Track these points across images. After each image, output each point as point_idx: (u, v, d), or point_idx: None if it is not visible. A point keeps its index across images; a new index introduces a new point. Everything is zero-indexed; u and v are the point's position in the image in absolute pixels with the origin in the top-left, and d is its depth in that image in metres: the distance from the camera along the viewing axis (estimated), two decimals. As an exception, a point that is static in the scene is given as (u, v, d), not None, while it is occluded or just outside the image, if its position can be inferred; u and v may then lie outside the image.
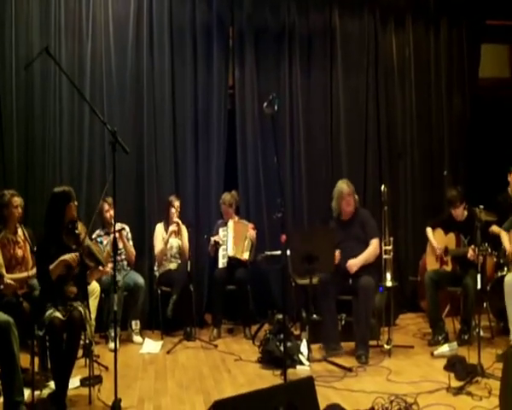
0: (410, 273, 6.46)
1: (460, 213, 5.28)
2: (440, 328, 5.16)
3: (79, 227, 3.92)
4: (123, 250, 5.51)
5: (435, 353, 4.76)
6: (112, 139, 3.57)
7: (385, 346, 4.87)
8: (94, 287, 4.86)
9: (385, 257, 4.96)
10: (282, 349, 4.16)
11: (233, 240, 5.73)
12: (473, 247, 4.86)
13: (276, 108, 4.09)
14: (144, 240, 5.97)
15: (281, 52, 6.44)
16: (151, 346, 5.23)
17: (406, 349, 5.02)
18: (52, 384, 3.81)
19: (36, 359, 3.94)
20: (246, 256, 5.72)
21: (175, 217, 5.68)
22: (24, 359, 3.83)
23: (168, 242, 5.71)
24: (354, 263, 4.88)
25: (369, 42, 6.65)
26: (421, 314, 6.27)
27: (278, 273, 5.82)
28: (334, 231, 4.99)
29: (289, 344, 4.47)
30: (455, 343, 4.81)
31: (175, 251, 5.81)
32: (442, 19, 6.86)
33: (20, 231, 4.60)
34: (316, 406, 2.82)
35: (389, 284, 4.91)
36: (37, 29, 5.83)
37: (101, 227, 5.52)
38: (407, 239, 6.68)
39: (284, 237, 4.06)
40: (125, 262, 5.58)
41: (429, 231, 5.50)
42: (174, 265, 5.79)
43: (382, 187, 5.21)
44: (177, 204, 5.72)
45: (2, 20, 5.75)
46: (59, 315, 3.66)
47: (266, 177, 6.29)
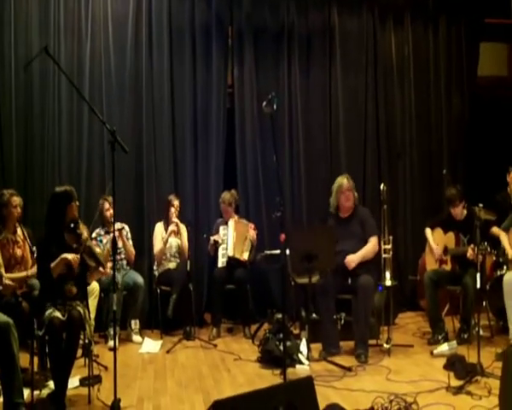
0: (410, 272, 6.46)
1: (459, 212, 5.28)
2: (440, 327, 5.15)
3: (81, 227, 3.92)
4: (122, 249, 5.52)
5: (435, 352, 4.76)
6: (111, 139, 3.56)
7: (384, 345, 4.87)
8: (93, 286, 4.85)
9: (384, 256, 4.96)
10: (282, 349, 4.16)
11: (233, 240, 5.73)
12: (472, 246, 4.85)
13: (275, 108, 4.09)
14: (143, 239, 5.97)
15: (280, 51, 6.44)
16: (150, 345, 5.22)
17: (406, 348, 5.01)
18: (51, 384, 3.80)
19: (35, 358, 3.95)
20: (245, 256, 5.72)
21: (174, 216, 5.68)
22: (23, 358, 3.83)
23: (168, 241, 5.72)
24: (352, 259, 4.86)
25: (368, 40, 6.65)
26: (420, 313, 6.27)
27: (278, 273, 5.81)
28: (333, 230, 4.96)
29: (289, 344, 4.46)
30: (454, 342, 4.81)
31: (174, 250, 5.81)
32: (441, 17, 6.87)
33: (20, 231, 4.59)
34: (315, 405, 2.82)
35: (388, 283, 4.92)
36: (36, 29, 5.83)
37: (101, 226, 5.52)
38: (406, 238, 6.68)
39: (283, 237, 4.06)
40: (125, 262, 5.59)
41: (428, 232, 5.49)
42: (173, 264, 5.80)
43: (382, 186, 5.20)
44: (177, 203, 5.72)
45: (1, 20, 5.76)
46: (58, 315, 3.66)
47: (265, 176, 6.29)
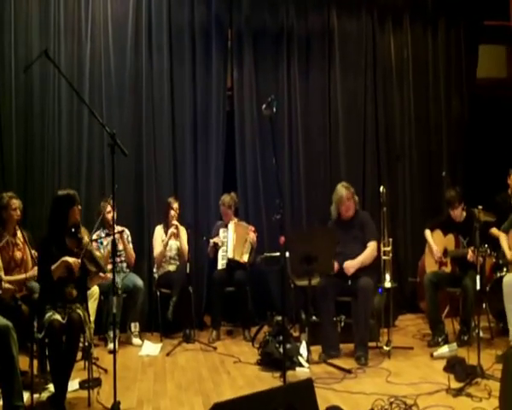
0: (410, 274, 6.46)
1: (459, 213, 5.28)
2: (440, 329, 5.15)
3: (82, 231, 3.92)
4: (123, 252, 5.51)
5: (435, 354, 4.75)
6: (111, 142, 3.55)
7: (384, 347, 4.86)
8: (93, 289, 4.84)
9: (384, 258, 4.97)
10: (282, 351, 4.15)
11: (233, 242, 5.73)
12: (472, 248, 4.85)
13: (275, 110, 4.08)
14: (143, 241, 5.96)
15: (279, 53, 6.45)
16: (150, 348, 5.21)
17: (406, 351, 5.01)
18: (51, 387, 3.79)
19: (35, 361, 3.96)
20: (245, 259, 5.72)
21: (174, 219, 5.68)
22: (23, 361, 3.82)
23: (168, 244, 5.71)
24: (351, 265, 4.87)
25: (367, 43, 6.66)
26: (420, 315, 6.27)
27: (277, 275, 5.81)
28: (333, 231, 4.97)
29: (288, 346, 4.45)
30: (454, 344, 4.81)
31: (174, 253, 5.80)
32: (440, 19, 6.88)
33: (19, 234, 4.59)
34: (315, 408, 2.81)
35: (388, 285, 4.92)
36: (36, 30, 5.83)
37: (101, 228, 5.50)
38: (406, 240, 6.68)
39: (283, 239, 4.06)
40: (125, 264, 5.58)
41: (428, 234, 5.49)
42: (173, 266, 5.79)
43: (381, 188, 5.21)
44: (176, 206, 5.72)
45: (1, 21, 5.75)
46: (58, 318, 3.65)
47: (265, 178, 6.29)
